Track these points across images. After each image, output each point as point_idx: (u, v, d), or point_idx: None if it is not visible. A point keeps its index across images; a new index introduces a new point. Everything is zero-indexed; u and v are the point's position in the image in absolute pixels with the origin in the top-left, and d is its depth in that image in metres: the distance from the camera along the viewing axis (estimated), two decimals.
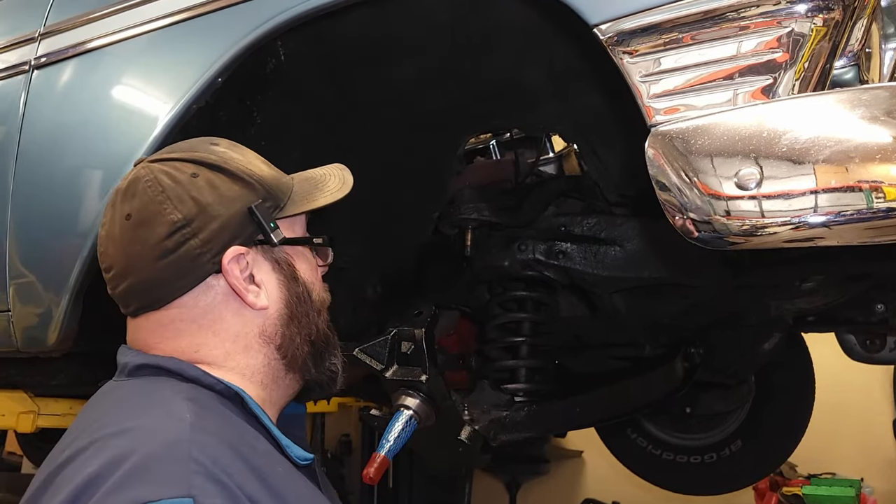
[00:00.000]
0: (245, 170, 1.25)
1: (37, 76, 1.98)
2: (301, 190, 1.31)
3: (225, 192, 1.22)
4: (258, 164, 1.29)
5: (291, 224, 1.29)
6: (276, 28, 1.59)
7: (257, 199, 1.23)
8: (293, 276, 1.26)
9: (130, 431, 1.03)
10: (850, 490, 4.45)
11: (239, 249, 1.21)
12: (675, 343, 2.29)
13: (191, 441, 1.01)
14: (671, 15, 1.19)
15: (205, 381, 1.17)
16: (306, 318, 1.27)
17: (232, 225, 1.21)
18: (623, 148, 1.93)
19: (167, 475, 0.96)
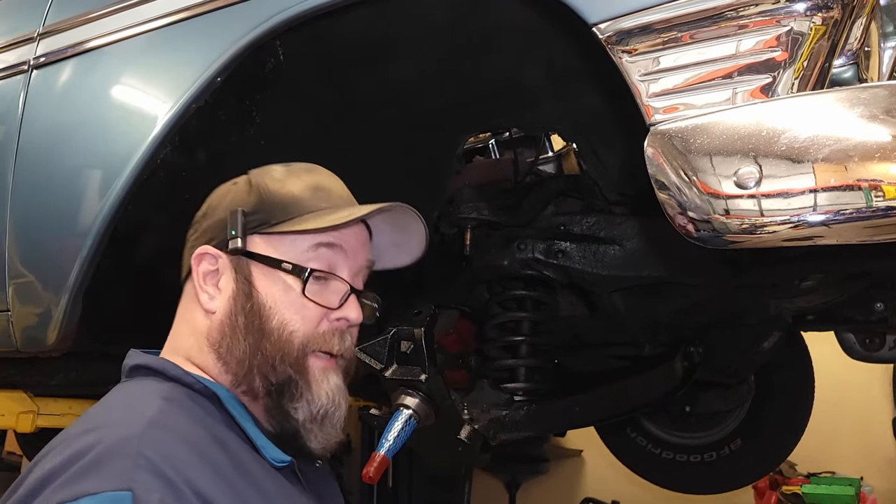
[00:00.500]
0: (263, 183, 1.28)
1: (36, 76, 1.98)
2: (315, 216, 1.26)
3: (234, 198, 1.28)
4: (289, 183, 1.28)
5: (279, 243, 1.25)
6: (275, 28, 1.59)
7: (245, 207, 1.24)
8: (247, 291, 1.23)
9: (94, 430, 1.06)
10: (849, 489, 4.45)
11: (207, 249, 1.24)
12: (674, 342, 2.29)
13: (142, 437, 1.03)
14: (670, 14, 1.19)
15: (185, 380, 1.19)
16: (251, 340, 1.22)
17: (217, 227, 1.26)
18: (622, 147, 1.93)
19: (112, 469, 0.98)
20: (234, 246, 1.23)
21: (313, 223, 1.24)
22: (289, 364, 1.22)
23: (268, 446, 1.20)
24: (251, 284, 1.23)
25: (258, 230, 1.24)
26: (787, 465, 4.59)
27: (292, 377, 1.23)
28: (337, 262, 1.28)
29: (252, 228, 1.24)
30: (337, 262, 1.28)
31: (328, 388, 1.25)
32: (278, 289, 1.23)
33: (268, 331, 1.22)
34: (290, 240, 1.25)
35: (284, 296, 1.23)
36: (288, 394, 1.23)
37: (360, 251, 1.33)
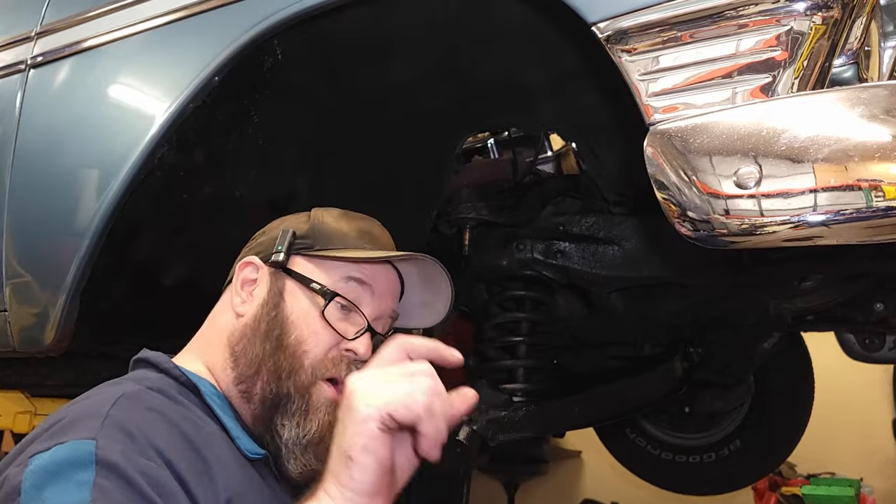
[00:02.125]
0: (319, 216, 1.40)
1: (33, 75, 1.98)
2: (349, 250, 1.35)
3: (291, 223, 1.40)
4: (342, 222, 1.40)
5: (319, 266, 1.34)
6: (273, 27, 1.58)
7: (298, 231, 1.36)
8: (276, 303, 1.31)
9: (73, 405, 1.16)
10: (849, 490, 4.44)
11: (253, 259, 1.36)
12: (673, 342, 2.29)
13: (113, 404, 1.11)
14: (670, 13, 1.18)
15: (172, 372, 1.27)
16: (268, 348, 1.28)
17: (268, 243, 1.38)
18: (622, 147, 1.92)
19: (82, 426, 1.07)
20: (276, 259, 1.33)
21: (350, 254, 1.33)
22: (294, 382, 1.27)
23: (242, 437, 1.25)
24: (282, 297, 1.31)
25: (301, 252, 1.34)
26: (787, 466, 4.59)
27: (292, 395, 1.27)
28: (363, 299, 1.35)
29: (297, 250, 1.34)
30: (363, 298, 1.35)
31: (322, 420, 1.26)
32: (303, 307, 1.31)
33: (285, 344, 1.28)
34: (327, 267, 1.34)
35: (307, 315, 1.31)
36: (282, 409, 1.27)
37: (388, 297, 1.39)
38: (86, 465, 1.00)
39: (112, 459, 1.01)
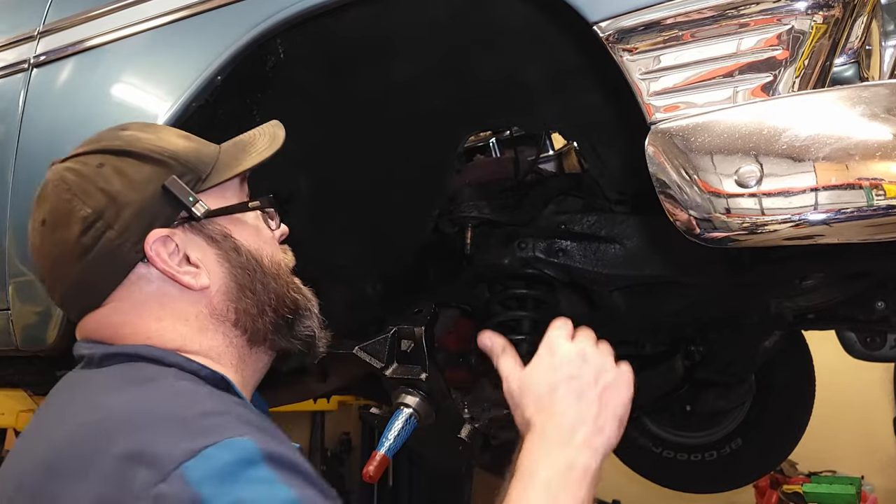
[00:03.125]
0: (155, 147, 1.18)
1: (36, 74, 1.98)
2: (227, 156, 1.24)
3: (134, 175, 1.15)
4: (172, 140, 1.23)
5: (221, 193, 1.21)
6: (276, 26, 1.59)
7: (172, 175, 1.15)
8: (233, 247, 1.19)
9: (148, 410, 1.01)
10: (850, 488, 4.45)
11: (161, 232, 1.14)
12: (675, 341, 2.29)
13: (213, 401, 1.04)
14: (671, 12, 1.18)
15: (188, 367, 1.12)
16: (260, 287, 1.20)
17: (148, 208, 1.14)
18: (623, 146, 1.92)
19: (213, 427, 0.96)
20: (203, 212, 1.15)
21: (249, 161, 1.23)
22: (291, 290, 1.24)
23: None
24: (231, 237, 1.19)
25: (197, 189, 1.17)
26: (788, 464, 4.59)
27: (299, 300, 1.25)
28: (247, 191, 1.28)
29: (193, 189, 1.17)
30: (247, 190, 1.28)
31: (311, 294, 1.28)
32: (250, 231, 1.22)
33: (266, 270, 1.21)
34: (225, 186, 1.21)
35: (259, 234, 1.24)
36: (300, 317, 1.24)
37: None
38: (256, 462, 0.93)
39: (278, 452, 0.95)
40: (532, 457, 1.12)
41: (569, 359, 1.20)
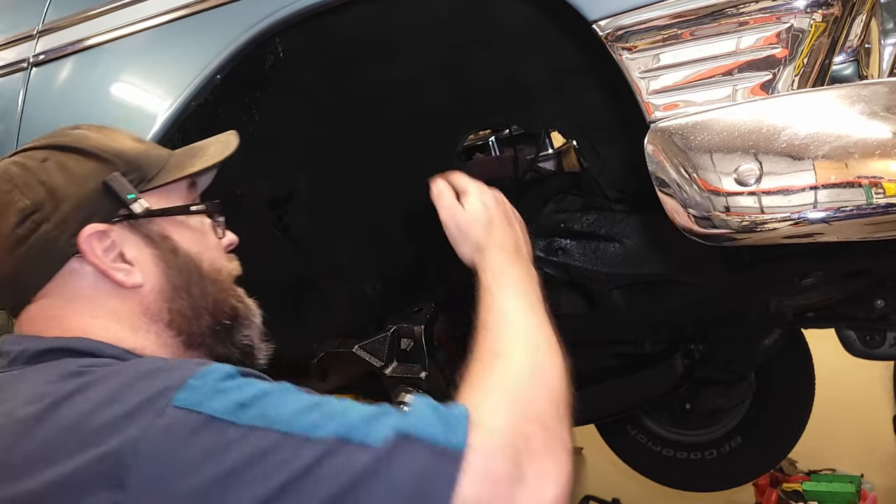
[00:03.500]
0: (101, 145, 1.18)
1: (35, 73, 1.98)
2: (176, 160, 1.23)
3: (76, 170, 1.15)
4: (122, 140, 1.22)
5: (166, 195, 1.19)
6: (275, 25, 1.58)
7: (114, 172, 1.14)
8: (171, 248, 1.17)
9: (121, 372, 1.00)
10: (850, 486, 4.45)
11: (97, 227, 1.12)
12: (674, 339, 2.29)
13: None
14: (670, 11, 1.18)
15: (126, 357, 1.09)
16: (197, 291, 1.18)
17: (86, 203, 1.13)
18: (622, 144, 1.93)
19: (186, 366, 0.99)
20: (142, 209, 1.14)
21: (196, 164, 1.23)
22: (230, 297, 1.23)
23: None
24: (170, 239, 1.18)
25: (140, 189, 1.16)
26: (788, 463, 4.59)
27: (238, 309, 1.23)
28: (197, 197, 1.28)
29: (136, 188, 1.16)
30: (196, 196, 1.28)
31: (255, 306, 1.27)
32: (192, 234, 1.21)
33: (205, 275, 1.20)
34: (170, 188, 1.21)
35: (202, 239, 1.22)
36: (239, 326, 1.23)
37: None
38: (235, 375, 0.96)
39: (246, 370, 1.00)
40: (501, 268, 1.21)
41: (492, 200, 1.32)
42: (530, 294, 1.19)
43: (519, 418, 0.99)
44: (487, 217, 1.29)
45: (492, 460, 0.91)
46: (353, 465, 0.88)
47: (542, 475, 0.95)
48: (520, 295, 1.18)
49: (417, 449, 0.91)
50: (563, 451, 1.01)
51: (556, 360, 1.14)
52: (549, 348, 1.14)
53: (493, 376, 1.06)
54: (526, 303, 1.17)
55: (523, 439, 0.96)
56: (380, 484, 0.87)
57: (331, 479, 0.87)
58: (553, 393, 1.09)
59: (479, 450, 0.91)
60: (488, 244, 1.26)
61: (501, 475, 0.91)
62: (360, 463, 0.88)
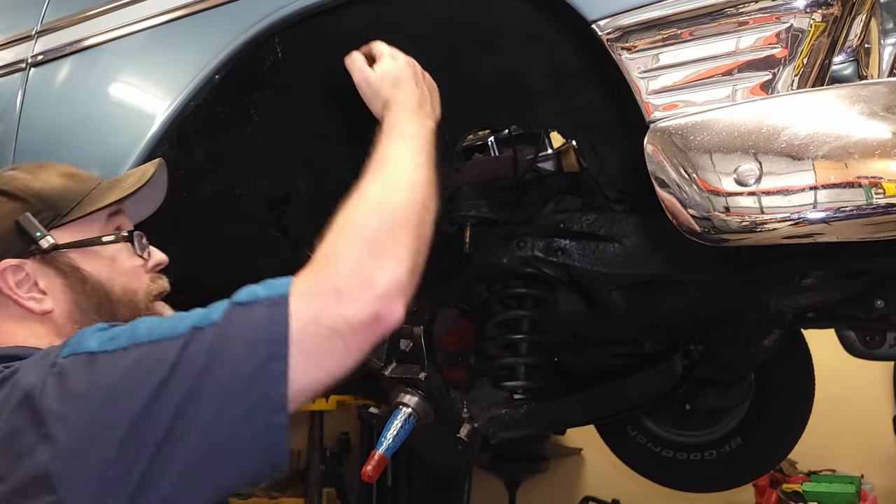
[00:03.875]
0: (21, 186, 1.32)
1: (34, 74, 1.98)
2: (96, 193, 1.36)
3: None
4: (47, 179, 1.35)
5: (82, 227, 1.33)
6: (274, 25, 1.58)
7: (26, 212, 1.29)
8: (80, 277, 1.31)
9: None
10: (850, 487, 4.44)
11: (10, 262, 1.27)
12: (674, 340, 2.28)
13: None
14: (669, 11, 1.18)
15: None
16: (106, 312, 1.30)
17: (3, 241, 1.29)
18: (622, 144, 1.92)
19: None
20: (48, 245, 1.28)
21: (109, 197, 1.35)
22: (147, 315, 1.32)
23: None
24: (78, 269, 1.31)
25: (52, 225, 1.30)
26: (788, 463, 4.58)
27: None
28: (125, 223, 1.40)
29: (47, 225, 1.30)
30: (125, 224, 1.40)
31: None
32: (104, 262, 1.34)
33: (115, 299, 1.33)
34: (88, 220, 1.34)
35: (113, 265, 1.34)
36: None
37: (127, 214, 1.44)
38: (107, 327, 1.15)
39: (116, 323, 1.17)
40: (400, 119, 1.34)
41: (402, 61, 1.43)
42: (413, 143, 1.30)
43: (350, 242, 1.13)
44: (395, 77, 1.41)
45: (314, 281, 1.09)
46: (206, 341, 1.05)
47: (365, 283, 1.08)
48: (402, 144, 1.30)
49: (250, 308, 1.08)
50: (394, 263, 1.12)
51: (410, 195, 1.21)
52: (407, 185, 1.22)
53: (345, 210, 1.19)
54: (405, 150, 1.28)
55: (349, 259, 1.10)
56: (230, 344, 1.05)
57: (195, 359, 1.04)
58: (392, 219, 1.17)
59: (303, 281, 1.09)
60: (393, 101, 1.38)
61: (325, 291, 1.08)
62: (210, 335, 1.06)
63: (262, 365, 1.04)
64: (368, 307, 1.07)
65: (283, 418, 1.04)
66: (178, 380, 1.04)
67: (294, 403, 1.06)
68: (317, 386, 1.08)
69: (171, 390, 1.03)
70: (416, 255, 1.16)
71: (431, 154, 1.31)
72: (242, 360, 1.04)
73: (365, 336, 1.08)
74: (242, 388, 1.04)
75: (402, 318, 1.11)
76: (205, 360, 1.04)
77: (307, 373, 1.06)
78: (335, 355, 1.08)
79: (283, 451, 1.06)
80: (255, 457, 1.06)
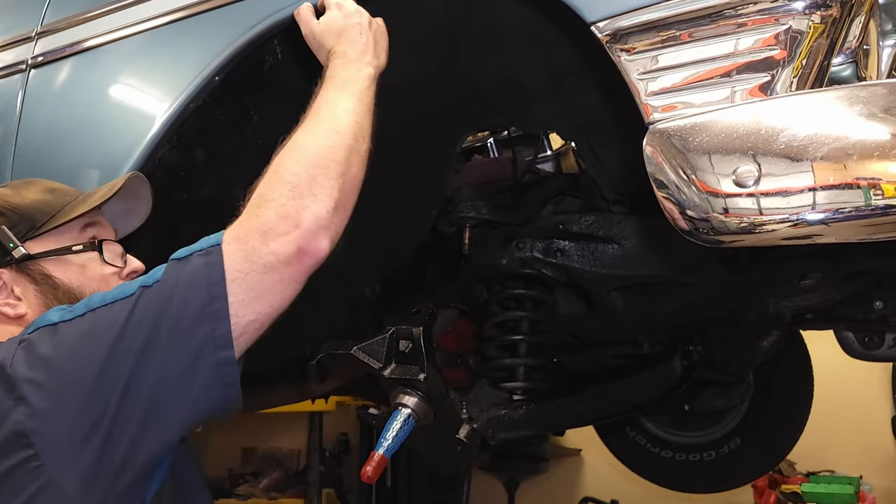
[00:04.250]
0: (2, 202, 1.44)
1: (34, 75, 1.98)
2: (70, 207, 1.45)
3: None
4: (28, 194, 1.47)
5: (56, 237, 1.43)
6: (273, 26, 1.59)
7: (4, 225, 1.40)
8: (51, 284, 1.40)
9: None
10: (848, 487, 4.44)
11: None
12: (673, 341, 2.28)
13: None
14: (668, 12, 1.19)
15: None
16: None
17: None
18: (621, 146, 1.93)
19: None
20: (20, 255, 1.38)
21: (79, 209, 1.44)
22: None
23: None
24: (50, 277, 1.41)
25: (28, 237, 1.41)
26: (787, 464, 4.58)
27: None
28: (102, 233, 1.50)
29: (22, 237, 1.40)
30: (102, 233, 1.50)
31: None
32: (75, 270, 1.43)
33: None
34: (61, 231, 1.44)
35: (84, 273, 1.43)
36: None
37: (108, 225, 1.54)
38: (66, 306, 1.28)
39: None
40: (338, 68, 1.41)
41: (350, 10, 1.48)
42: (345, 90, 1.37)
43: (274, 187, 1.23)
44: (339, 28, 1.46)
45: (242, 226, 1.20)
46: (153, 295, 1.17)
47: (288, 221, 1.18)
48: (334, 92, 1.37)
49: (188, 260, 1.19)
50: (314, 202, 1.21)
51: (333, 139, 1.30)
52: (330, 131, 1.31)
53: (273, 160, 1.29)
54: (335, 97, 1.36)
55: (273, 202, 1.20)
56: (175, 293, 1.16)
57: (145, 311, 1.16)
58: (314, 162, 1.26)
59: (232, 228, 1.20)
60: (334, 52, 1.44)
61: (253, 232, 1.18)
62: (157, 290, 1.18)
63: (204, 306, 1.15)
64: (293, 242, 1.17)
65: (229, 353, 1.16)
66: (132, 331, 1.15)
67: (243, 338, 1.17)
68: (261, 319, 1.19)
69: (128, 341, 1.14)
70: (340, 193, 1.25)
71: (366, 98, 1.39)
72: (187, 305, 1.15)
73: (296, 268, 1.19)
74: (189, 330, 1.15)
75: (327, 250, 1.21)
76: (154, 312, 1.16)
77: (248, 307, 1.17)
78: (271, 289, 1.18)
79: (234, 385, 1.18)
80: (208, 392, 1.16)
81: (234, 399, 1.19)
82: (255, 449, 6.43)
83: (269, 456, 6.30)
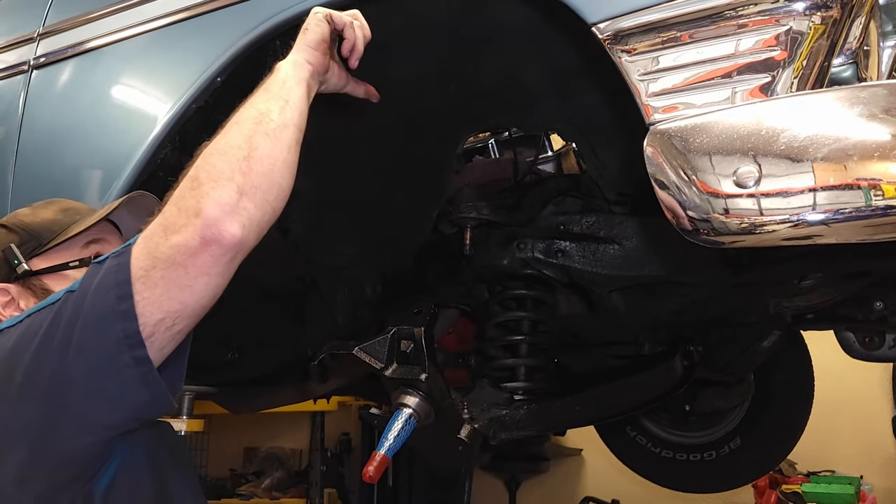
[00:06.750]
0: (16, 220, 1.54)
1: (36, 76, 1.98)
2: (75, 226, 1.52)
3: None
4: (41, 213, 1.56)
5: (59, 254, 1.51)
6: (275, 28, 1.59)
7: (11, 243, 1.49)
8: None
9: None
10: (849, 487, 4.44)
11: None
12: (674, 341, 2.28)
13: None
14: (669, 13, 1.19)
15: None
16: None
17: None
18: (622, 146, 1.93)
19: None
20: (22, 271, 1.48)
21: (79, 227, 1.51)
22: None
23: None
24: (49, 291, 1.47)
25: (34, 254, 1.50)
26: (787, 464, 4.59)
27: None
28: (107, 249, 1.51)
29: (29, 254, 1.49)
30: (107, 248, 1.52)
31: None
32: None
33: None
34: (64, 248, 1.52)
35: None
36: None
37: (116, 242, 1.58)
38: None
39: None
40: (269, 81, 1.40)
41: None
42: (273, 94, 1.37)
43: (180, 186, 1.21)
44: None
45: (149, 226, 1.20)
46: (72, 299, 1.20)
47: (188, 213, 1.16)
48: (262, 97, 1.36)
49: (102, 264, 1.21)
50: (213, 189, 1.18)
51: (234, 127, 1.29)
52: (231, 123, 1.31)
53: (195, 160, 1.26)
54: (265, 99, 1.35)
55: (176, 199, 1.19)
56: (88, 296, 1.18)
57: (65, 314, 1.19)
58: (215, 154, 1.24)
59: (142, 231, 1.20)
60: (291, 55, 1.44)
61: (155, 229, 1.18)
62: (77, 293, 1.21)
63: (114, 306, 1.15)
64: (194, 232, 1.15)
65: (142, 352, 1.16)
66: (52, 334, 1.19)
67: (155, 337, 1.17)
68: (173, 317, 1.17)
69: (48, 344, 1.18)
70: (244, 175, 1.21)
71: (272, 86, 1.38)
72: (98, 306, 1.17)
73: (204, 259, 1.15)
74: (103, 330, 1.16)
75: (238, 236, 1.16)
76: (72, 314, 1.19)
77: (157, 304, 1.16)
78: (178, 284, 1.15)
79: (157, 383, 1.18)
80: (130, 390, 1.17)
81: (160, 397, 1.20)
82: (258, 449, 6.44)
83: (272, 456, 6.30)
